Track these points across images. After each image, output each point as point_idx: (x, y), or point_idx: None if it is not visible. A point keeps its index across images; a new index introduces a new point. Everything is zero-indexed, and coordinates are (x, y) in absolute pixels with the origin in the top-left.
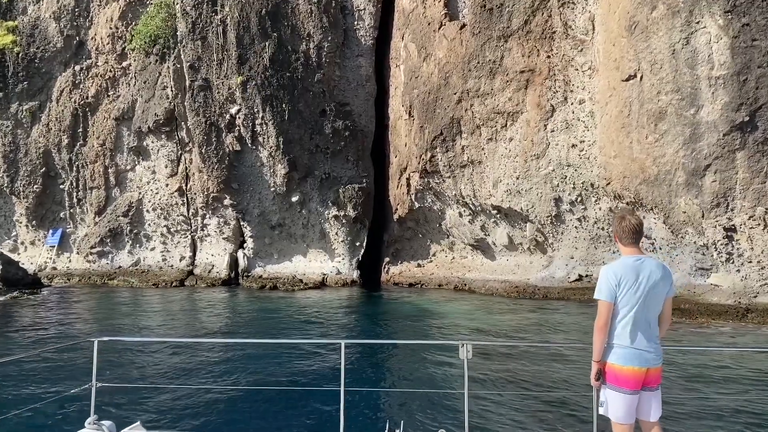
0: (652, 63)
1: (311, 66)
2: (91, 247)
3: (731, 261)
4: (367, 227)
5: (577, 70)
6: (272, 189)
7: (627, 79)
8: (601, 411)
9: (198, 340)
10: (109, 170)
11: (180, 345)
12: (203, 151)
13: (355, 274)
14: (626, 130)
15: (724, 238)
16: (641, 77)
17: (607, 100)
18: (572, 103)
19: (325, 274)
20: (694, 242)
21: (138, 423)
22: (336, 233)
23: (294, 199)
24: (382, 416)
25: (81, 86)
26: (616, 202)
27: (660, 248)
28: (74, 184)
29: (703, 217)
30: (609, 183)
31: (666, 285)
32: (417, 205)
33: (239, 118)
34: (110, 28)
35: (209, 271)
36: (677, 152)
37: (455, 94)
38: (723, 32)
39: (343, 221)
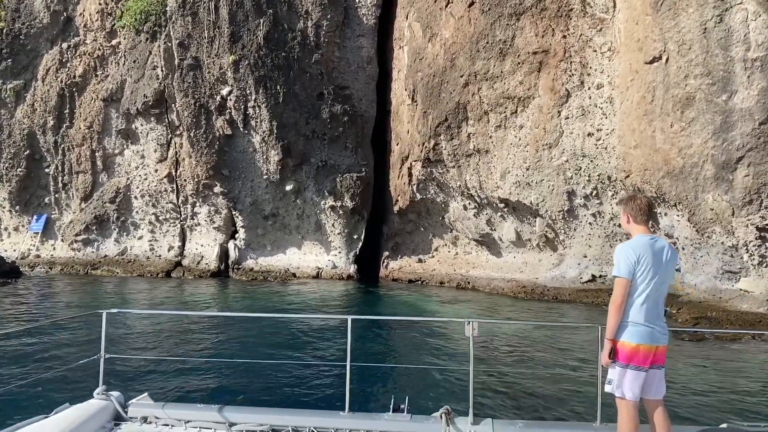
0: (680, 43)
1: (309, 46)
2: (76, 235)
3: (764, 264)
4: (366, 219)
5: (595, 51)
6: (265, 177)
7: (651, 62)
8: (608, 389)
9: (205, 314)
10: (96, 154)
11: (187, 319)
12: (192, 134)
13: (352, 269)
14: (649, 117)
15: (756, 239)
16: (667, 59)
17: (628, 85)
18: (589, 88)
19: (320, 268)
20: (722, 243)
21: (146, 394)
22: (332, 225)
23: (288, 187)
24: (387, 392)
25: (68, 65)
26: None
27: (683, 248)
28: (60, 167)
29: (733, 215)
30: (628, 176)
31: (674, 264)
32: (419, 196)
33: (230, 100)
34: (99, 4)
35: (198, 262)
36: (706, 142)
37: (462, 77)
38: (762, 9)
39: (341, 212)
